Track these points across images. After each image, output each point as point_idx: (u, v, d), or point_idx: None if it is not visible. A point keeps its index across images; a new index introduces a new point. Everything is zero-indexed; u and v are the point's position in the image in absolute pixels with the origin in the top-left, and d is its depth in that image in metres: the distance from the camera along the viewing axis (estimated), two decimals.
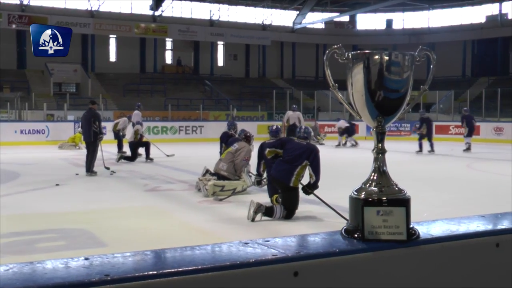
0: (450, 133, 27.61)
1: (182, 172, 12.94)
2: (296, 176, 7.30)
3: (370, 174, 1.75)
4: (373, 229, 1.60)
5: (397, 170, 13.37)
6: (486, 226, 1.85)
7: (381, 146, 1.76)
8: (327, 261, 1.45)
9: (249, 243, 1.52)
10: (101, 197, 9.20)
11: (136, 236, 6.34)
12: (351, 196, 1.72)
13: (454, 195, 9.55)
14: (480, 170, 14.04)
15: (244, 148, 9.83)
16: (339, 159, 16.39)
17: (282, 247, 1.48)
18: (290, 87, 37.18)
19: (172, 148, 18.11)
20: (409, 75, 1.70)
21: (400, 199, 1.69)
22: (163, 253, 1.39)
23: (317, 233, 1.71)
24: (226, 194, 9.01)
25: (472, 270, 1.70)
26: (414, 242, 1.63)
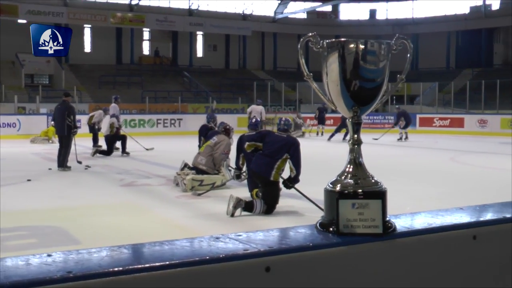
0: (434, 126, 27.90)
1: (159, 166, 12.89)
2: (276, 170, 7.31)
3: (346, 166, 1.75)
4: (348, 222, 1.61)
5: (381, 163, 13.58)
6: (464, 218, 1.86)
7: (357, 137, 1.76)
8: (300, 256, 1.44)
9: (221, 238, 1.51)
10: (75, 193, 9.12)
11: (111, 233, 6.30)
12: (326, 189, 1.72)
13: (438, 188, 9.65)
14: (464, 163, 14.21)
15: (224, 141, 9.82)
16: (321, 152, 16.46)
17: (254, 241, 1.48)
18: (271, 79, 37.19)
19: (150, 141, 18.02)
20: (386, 64, 1.70)
21: (376, 191, 1.69)
22: (130, 249, 1.38)
23: (292, 227, 1.71)
24: (205, 189, 9.00)
25: (449, 263, 1.72)
26: (391, 235, 1.63)
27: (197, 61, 40.75)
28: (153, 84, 34.34)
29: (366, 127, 27.27)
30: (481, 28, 39.48)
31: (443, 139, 22.65)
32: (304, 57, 1.75)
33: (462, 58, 40.85)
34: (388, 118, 29.07)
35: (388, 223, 1.67)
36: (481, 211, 2.03)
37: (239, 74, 39.80)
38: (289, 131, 7.80)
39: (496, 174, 11.79)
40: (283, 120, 7.91)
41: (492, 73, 36.07)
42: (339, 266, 1.52)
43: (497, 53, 40.74)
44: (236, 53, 42.02)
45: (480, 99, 28.73)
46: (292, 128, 7.69)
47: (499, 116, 26.51)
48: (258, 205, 7.25)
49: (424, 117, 28.73)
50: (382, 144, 20.51)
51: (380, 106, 23.52)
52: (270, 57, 42.33)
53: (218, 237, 1.53)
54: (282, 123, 7.76)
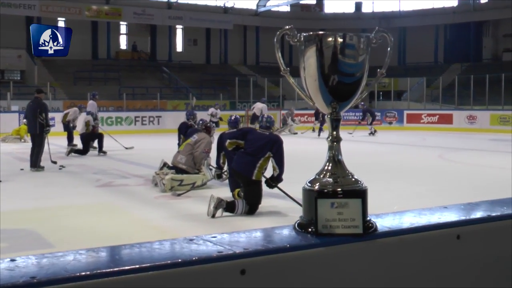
0: (422, 122, 28.11)
1: (137, 165, 12.84)
2: (258, 168, 7.31)
3: (325, 164, 1.76)
4: (327, 222, 1.61)
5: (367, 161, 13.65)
6: (448, 217, 1.88)
7: (336, 133, 1.77)
8: (277, 258, 1.44)
9: (194, 239, 1.51)
10: (48, 194, 9.05)
11: (86, 236, 6.26)
12: (305, 188, 1.72)
13: (427, 186, 9.73)
14: (453, 160, 14.34)
15: (204, 139, 9.81)
16: (305, 150, 16.50)
17: (229, 243, 1.48)
18: (254, 74, 37.18)
19: (128, 140, 17.94)
20: (365, 58, 1.71)
21: (356, 190, 1.69)
22: (99, 252, 1.37)
23: (269, 228, 1.71)
24: (185, 189, 8.99)
25: (432, 263, 1.73)
26: (371, 235, 1.64)
27: (177, 56, 40.60)
28: (131, 80, 34.16)
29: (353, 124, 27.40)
30: (469, 22, 39.85)
31: (431, 136, 22.84)
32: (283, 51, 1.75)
33: (451, 53, 41.21)
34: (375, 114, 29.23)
35: (368, 223, 1.68)
36: (466, 210, 2.05)
37: (220, 69, 39.75)
38: (271, 128, 7.81)
39: (485, 172, 11.92)
40: (265, 117, 7.92)
41: (481, 67, 36.44)
42: (317, 267, 1.52)
43: (486, 47, 41.14)
44: (217, 47, 41.94)
45: (469, 94, 29.01)
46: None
47: (488, 112, 26.80)
48: (240, 205, 7.25)
49: (411, 113, 28.95)
50: (367, 141, 20.63)
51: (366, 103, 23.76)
52: (252, 52, 42.32)
53: (191, 239, 1.52)
54: (265, 120, 7.78)
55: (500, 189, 8.23)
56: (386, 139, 21.46)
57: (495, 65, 37.33)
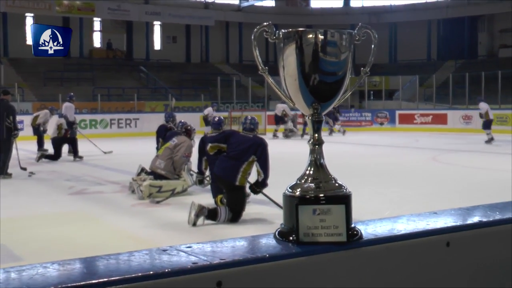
0: (415, 123, 28.30)
1: (113, 171, 12.80)
2: (242, 173, 7.32)
3: (306, 168, 1.76)
4: (309, 230, 1.61)
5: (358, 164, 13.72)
6: (437, 223, 1.89)
7: (317, 136, 1.77)
8: (255, 268, 1.45)
9: (168, 250, 1.51)
10: (17, 203, 8.99)
11: (59, 248, 6.23)
12: (285, 194, 1.73)
13: (419, 190, 9.80)
14: (447, 163, 14.46)
15: (184, 143, 9.81)
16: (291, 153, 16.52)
17: (205, 253, 1.48)
18: (237, 73, 37.22)
19: (103, 144, 17.85)
20: (348, 56, 1.72)
21: (339, 195, 1.70)
22: (63, 265, 1.36)
23: (249, 237, 1.71)
24: (164, 196, 8.98)
25: (420, 272, 1.74)
26: (355, 243, 1.65)
27: (155, 54, 40.52)
28: (106, 80, 34.02)
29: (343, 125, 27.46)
30: (464, 16, 40.20)
31: (424, 137, 23.00)
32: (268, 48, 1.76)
33: (444, 49, 41.55)
34: (365, 115, 29.41)
35: (353, 230, 1.69)
36: (456, 215, 2.06)
37: (201, 68, 39.74)
38: (255, 131, 7.82)
39: (482, 174, 12.03)
40: (248, 118, 7.91)
41: (476, 65, 36.77)
42: (298, 278, 1.52)
43: (481, 43, 41.53)
44: (198, 45, 41.92)
45: (464, 93, 29.26)
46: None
47: None
48: (223, 212, 7.25)
49: (404, 113, 29.14)
50: (357, 143, 20.73)
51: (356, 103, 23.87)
52: (235, 50, 42.34)
53: (165, 249, 1.52)
54: (248, 122, 7.78)
55: (497, 193, 8.31)
56: (377, 141, 21.59)
57: (491, 62, 37.67)
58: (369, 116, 29.01)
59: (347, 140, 22.04)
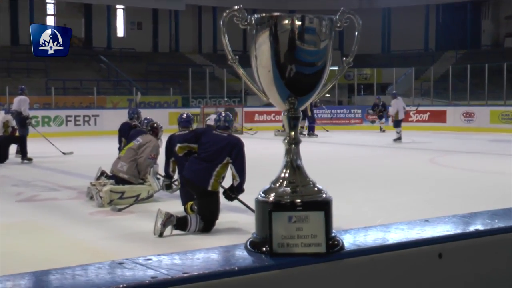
0: (411, 121, 28.46)
1: (68, 175, 12.73)
2: (215, 177, 7.32)
3: (281, 170, 1.77)
4: (284, 240, 1.62)
5: (347, 168, 13.79)
6: (428, 232, 1.91)
7: (294, 134, 1.78)
8: (223, 283, 1.45)
9: (125, 263, 1.51)
10: None
11: (6, 262, 6.16)
12: (258, 199, 1.74)
13: (415, 196, 9.88)
14: (446, 165, 14.59)
15: (150, 143, 9.78)
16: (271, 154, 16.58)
17: (166, 267, 1.48)
18: (211, 65, 37.17)
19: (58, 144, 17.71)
20: (328, 44, 1.73)
21: (318, 201, 1.71)
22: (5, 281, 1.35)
23: (217, 248, 1.71)
24: (127, 203, 8.96)
25: (409, 286, 1.76)
26: (336, 255, 1.66)
27: (117, 42, 40.31)
28: (61, 71, 33.75)
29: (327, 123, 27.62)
30: (466, 1, 40.55)
31: (421, 137, 23.17)
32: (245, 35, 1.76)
33: (444, 38, 41.87)
34: (354, 112, 29.54)
35: (333, 240, 1.70)
36: (450, 224, 2.09)
37: (171, 58, 39.61)
38: (230, 129, 7.82)
39: (484, 178, 12.15)
40: (222, 115, 7.92)
41: (479, 55, 37.11)
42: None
43: (485, 31, 41.91)
44: (167, 32, 41.78)
45: (465, 87, 29.49)
46: None
47: (488, 108, 27.28)
48: (194, 221, 7.25)
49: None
50: (346, 143, 20.83)
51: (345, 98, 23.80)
52: (209, 38, 42.27)
53: (121, 262, 1.52)
54: (222, 119, 7.78)
55: (500, 199, 8.41)
56: (367, 141, 21.71)
57: (495, 52, 38.04)
58: (359, 113, 29.13)
59: (334, 140, 22.13)
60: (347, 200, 8.98)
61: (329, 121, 28.47)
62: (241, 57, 1.98)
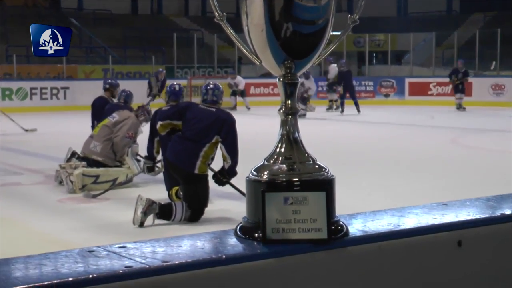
0: (431, 94, 28.49)
1: (34, 157, 12.72)
2: (202, 159, 7.32)
3: (276, 145, 1.77)
4: (279, 224, 1.62)
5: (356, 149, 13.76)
6: (446, 217, 1.92)
7: (290, 103, 1.77)
8: (208, 274, 1.45)
9: (95, 251, 1.51)
10: None
11: None
12: (249, 179, 1.74)
13: (433, 182, 9.88)
14: (470, 146, 14.59)
15: (128, 119, 9.73)
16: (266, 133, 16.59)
17: (143, 255, 1.48)
18: (199, 29, 37.00)
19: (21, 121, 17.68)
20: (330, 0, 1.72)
21: (318, 180, 1.71)
22: None
23: (203, 234, 1.72)
24: (102, 188, 8.94)
25: (422, 279, 1.77)
26: (339, 242, 1.66)
27: (90, 3, 40.11)
28: (24, 36, 33.54)
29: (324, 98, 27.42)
30: None
31: (442, 113, 23.16)
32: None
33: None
34: (365, 84, 29.49)
35: (336, 225, 1.70)
36: (472, 207, 2.09)
37: (152, 22, 39.46)
38: (219, 103, 7.79)
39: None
40: (210, 86, 7.87)
41: (510, 18, 36.97)
42: (265, 285, 1.54)
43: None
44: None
45: (494, 55, 29.42)
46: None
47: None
48: (179, 209, 7.25)
49: (415, 82, 29.28)
50: (355, 121, 20.82)
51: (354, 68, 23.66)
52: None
53: (91, 250, 1.53)
54: (210, 92, 7.74)
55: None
56: (380, 118, 21.68)
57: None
58: (371, 86, 29.11)
59: (341, 117, 22.11)
60: (352, 186, 8.99)
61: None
62: (234, 21, 1.96)
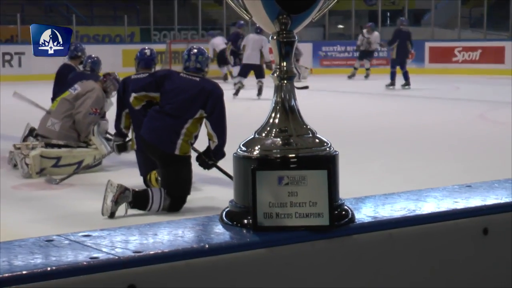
0: (455, 61, 28.46)
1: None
2: (184, 137, 7.32)
3: (269, 115, 1.77)
4: (272, 209, 1.62)
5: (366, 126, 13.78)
6: (470, 202, 1.92)
7: (286, 66, 1.77)
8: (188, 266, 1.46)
9: (55, 240, 1.52)
10: None
11: None
12: (237, 155, 1.74)
13: (455, 165, 9.89)
14: (501, 121, 14.59)
15: (92, 92, 9.65)
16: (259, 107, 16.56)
17: (111, 245, 1.49)
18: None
19: None
20: None
21: (319, 156, 1.71)
22: None
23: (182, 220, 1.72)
24: (65, 172, 8.96)
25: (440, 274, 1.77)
26: (343, 229, 1.67)
27: None
28: None
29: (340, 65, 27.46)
30: None
31: (468, 84, 23.17)
32: None
33: None
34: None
35: (340, 209, 1.71)
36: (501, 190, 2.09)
37: None
38: (204, 71, 7.78)
39: None
40: (194, 51, 7.84)
41: None
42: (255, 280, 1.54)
43: None
44: None
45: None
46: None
47: None
48: (157, 197, 7.26)
49: (437, 46, 29.28)
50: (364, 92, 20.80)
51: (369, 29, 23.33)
52: None
53: (50, 239, 1.53)
54: (193, 58, 7.72)
55: None
56: (394, 89, 21.65)
57: None
58: (384, 51, 29.04)
59: (347, 88, 22.09)
60: (364, 170, 9.02)
61: (342, 61, 28.40)
62: None
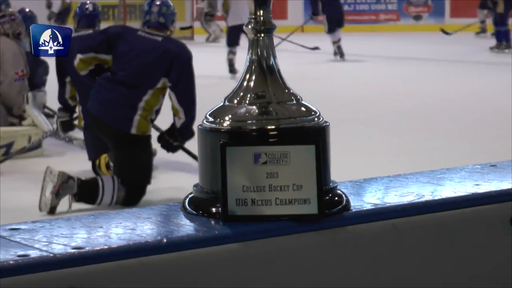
0: None
1: None
2: (143, 112, 7.36)
3: (242, 77, 1.76)
4: (247, 194, 1.62)
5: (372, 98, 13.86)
6: (494, 184, 1.94)
7: (263, 14, 1.76)
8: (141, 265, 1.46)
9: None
10: None
11: None
12: (202, 128, 1.73)
13: (480, 144, 9.98)
14: None
15: (7, 51, 9.63)
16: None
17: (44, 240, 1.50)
18: None
19: None
20: None
21: (305, 128, 1.71)
22: None
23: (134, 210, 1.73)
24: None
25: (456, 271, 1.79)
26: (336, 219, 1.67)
27: None
28: None
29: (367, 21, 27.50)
30: None
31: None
32: None
33: None
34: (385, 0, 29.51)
35: (331, 194, 1.71)
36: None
37: None
38: (169, 29, 7.79)
39: None
40: (156, 2, 7.83)
41: None
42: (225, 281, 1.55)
43: None
44: None
45: None
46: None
47: None
48: (108, 187, 7.30)
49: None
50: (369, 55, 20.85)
51: None
52: None
53: None
54: (155, 10, 7.72)
55: None
56: (406, 51, 21.72)
57: None
58: (394, 3, 29.11)
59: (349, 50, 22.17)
60: (371, 150, 9.08)
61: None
62: None
